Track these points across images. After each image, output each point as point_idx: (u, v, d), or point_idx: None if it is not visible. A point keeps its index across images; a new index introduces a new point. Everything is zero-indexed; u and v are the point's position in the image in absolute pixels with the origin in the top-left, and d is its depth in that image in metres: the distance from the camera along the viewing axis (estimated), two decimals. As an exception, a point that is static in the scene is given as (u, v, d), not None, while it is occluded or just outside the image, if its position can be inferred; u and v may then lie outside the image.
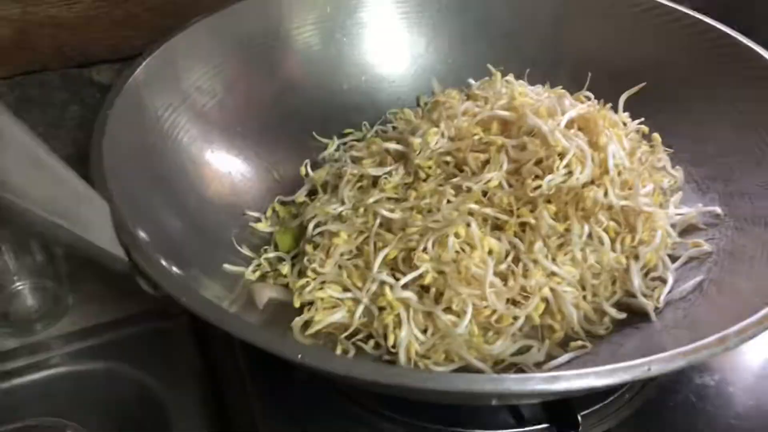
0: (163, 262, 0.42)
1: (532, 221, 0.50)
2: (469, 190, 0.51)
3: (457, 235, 0.48)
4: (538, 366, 0.46)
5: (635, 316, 0.50)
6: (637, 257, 0.51)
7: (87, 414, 0.59)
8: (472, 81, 0.66)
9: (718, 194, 0.56)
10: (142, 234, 0.43)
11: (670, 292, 0.50)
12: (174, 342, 0.62)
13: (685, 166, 0.59)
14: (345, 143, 0.66)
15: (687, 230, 0.56)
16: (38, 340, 0.62)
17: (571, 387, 0.34)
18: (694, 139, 0.59)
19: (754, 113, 0.55)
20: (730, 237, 0.52)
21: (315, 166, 0.63)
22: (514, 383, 0.35)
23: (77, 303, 0.65)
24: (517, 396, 0.39)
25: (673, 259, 0.53)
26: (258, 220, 0.59)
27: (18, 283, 0.64)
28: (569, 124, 0.53)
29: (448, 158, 0.54)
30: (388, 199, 0.54)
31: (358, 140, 0.66)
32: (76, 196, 0.38)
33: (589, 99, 0.59)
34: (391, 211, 0.52)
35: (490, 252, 0.49)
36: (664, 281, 0.51)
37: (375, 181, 0.57)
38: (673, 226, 0.55)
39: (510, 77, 0.61)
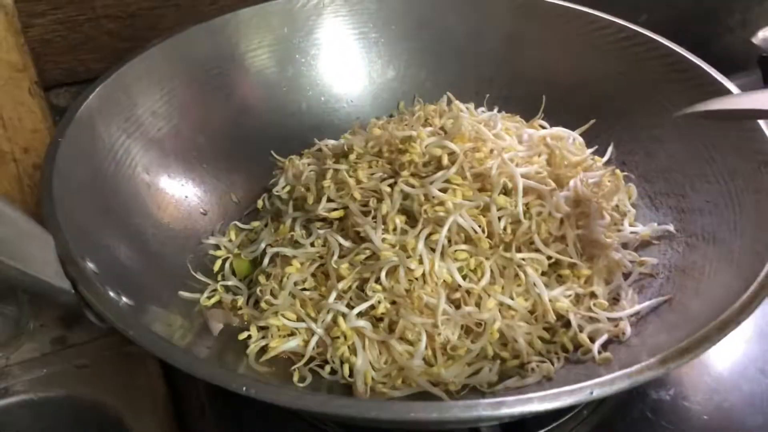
0: (111, 294, 0.41)
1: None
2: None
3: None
4: (491, 386, 0.47)
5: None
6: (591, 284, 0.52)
7: (49, 441, 0.58)
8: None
9: (670, 209, 0.57)
10: (91, 265, 0.43)
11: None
12: (136, 366, 0.61)
13: (639, 181, 0.60)
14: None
15: (640, 245, 0.56)
16: None
17: (514, 412, 0.35)
18: (647, 154, 0.60)
19: (702, 130, 0.56)
20: (681, 253, 0.53)
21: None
22: (459, 411, 0.35)
23: (38, 328, 0.65)
24: (463, 422, 0.39)
25: (626, 276, 0.54)
26: (216, 246, 0.58)
27: (-24, 311, 0.63)
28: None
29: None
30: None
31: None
32: (17, 230, 0.38)
33: (543, 127, 0.60)
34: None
35: (443, 283, 0.49)
36: (617, 300, 0.52)
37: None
38: (625, 245, 0.55)
39: (471, 106, 0.62)
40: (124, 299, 0.43)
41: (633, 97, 0.62)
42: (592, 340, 0.48)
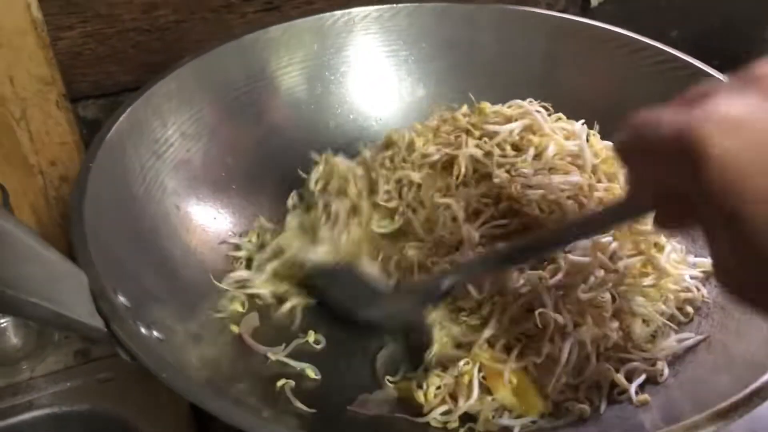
0: (143, 329, 0.41)
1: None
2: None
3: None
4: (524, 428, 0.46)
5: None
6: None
7: (71, 455, 0.58)
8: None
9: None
10: (122, 299, 0.42)
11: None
12: (159, 382, 0.61)
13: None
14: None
15: (677, 278, 0.55)
16: (22, 380, 0.61)
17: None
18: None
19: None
20: (720, 289, 0.52)
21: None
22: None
23: (62, 340, 0.65)
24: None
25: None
26: (237, 247, 0.59)
27: (2, 321, 0.63)
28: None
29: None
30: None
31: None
32: (53, 272, 0.38)
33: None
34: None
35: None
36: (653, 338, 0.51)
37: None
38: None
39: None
40: (155, 333, 0.43)
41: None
42: (629, 380, 0.47)
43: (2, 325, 0.63)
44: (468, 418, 0.48)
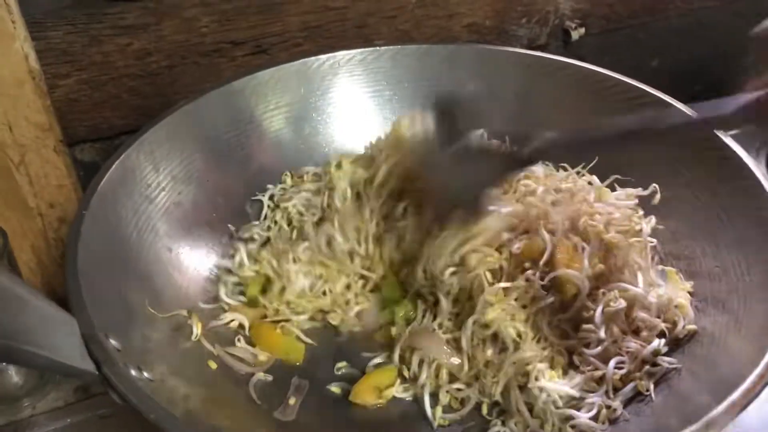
0: (133, 372, 0.43)
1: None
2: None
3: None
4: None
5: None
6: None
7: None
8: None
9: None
10: (113, 342, 0.44)
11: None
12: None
13: (649, 242, 0.60)
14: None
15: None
16: (24, 417, 0.62)
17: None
18: (657, 215, 0.61)
19: (712, 194, 0.57)
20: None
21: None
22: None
23: (62, 378, 0.66)
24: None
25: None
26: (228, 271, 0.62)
27: (3, 361, 0.64)
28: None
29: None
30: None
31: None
32: (43, 319, 0.40)
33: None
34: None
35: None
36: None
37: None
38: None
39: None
40: (145, 374, 0.45)
41: (645, 155, 0.62)
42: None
43: (4, 365, 0.64)
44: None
